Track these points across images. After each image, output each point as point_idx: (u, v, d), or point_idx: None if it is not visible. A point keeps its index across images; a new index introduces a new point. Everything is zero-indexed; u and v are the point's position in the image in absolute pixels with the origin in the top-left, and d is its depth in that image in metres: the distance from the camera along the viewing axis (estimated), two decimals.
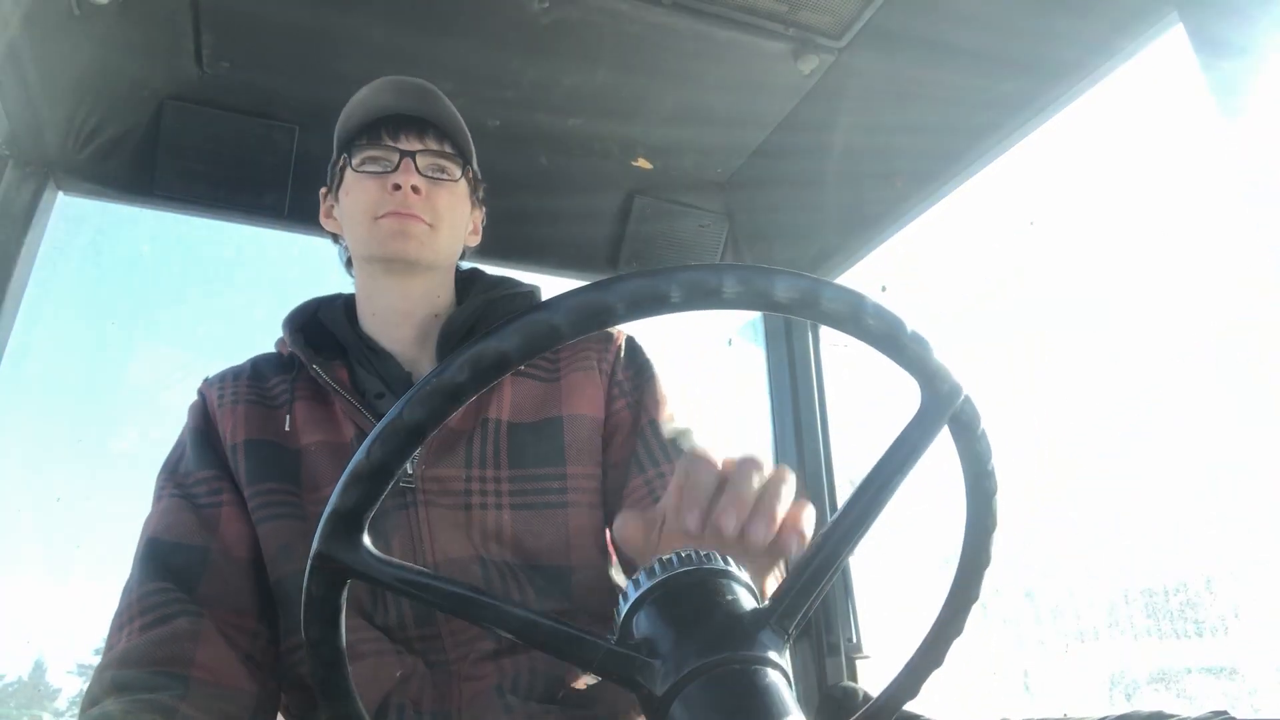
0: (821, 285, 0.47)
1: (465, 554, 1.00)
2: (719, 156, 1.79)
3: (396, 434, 0.44)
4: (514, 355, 0.43)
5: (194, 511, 1.01)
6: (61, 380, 3.26)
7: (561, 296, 0.44)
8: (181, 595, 0.94)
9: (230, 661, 0.92)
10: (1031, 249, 1.67)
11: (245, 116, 1.52)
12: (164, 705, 0.84)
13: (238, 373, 1.15)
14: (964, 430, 0.53)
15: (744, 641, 0.45)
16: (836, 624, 1.68)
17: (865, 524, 0.51)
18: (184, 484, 1.05)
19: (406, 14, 1.40)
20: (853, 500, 0.51)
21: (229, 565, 0.98)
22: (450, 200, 1.13)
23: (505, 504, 1.02)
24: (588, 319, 0.43)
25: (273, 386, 1.12)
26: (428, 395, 0.43)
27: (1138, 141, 1.48)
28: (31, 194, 1.38)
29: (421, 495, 1.01)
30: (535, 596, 0.99)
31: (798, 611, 0.49)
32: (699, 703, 0.43)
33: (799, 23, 1.45)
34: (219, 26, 1.41)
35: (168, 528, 1.00)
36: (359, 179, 1.11)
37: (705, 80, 1.57)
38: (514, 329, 0.43)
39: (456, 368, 0.43)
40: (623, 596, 0.50)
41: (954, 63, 1.40)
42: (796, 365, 1.85)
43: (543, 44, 1.45)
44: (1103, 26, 1.19)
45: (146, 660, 0.88)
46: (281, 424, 1.07)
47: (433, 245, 1.11)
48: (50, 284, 1.43)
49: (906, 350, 0.50)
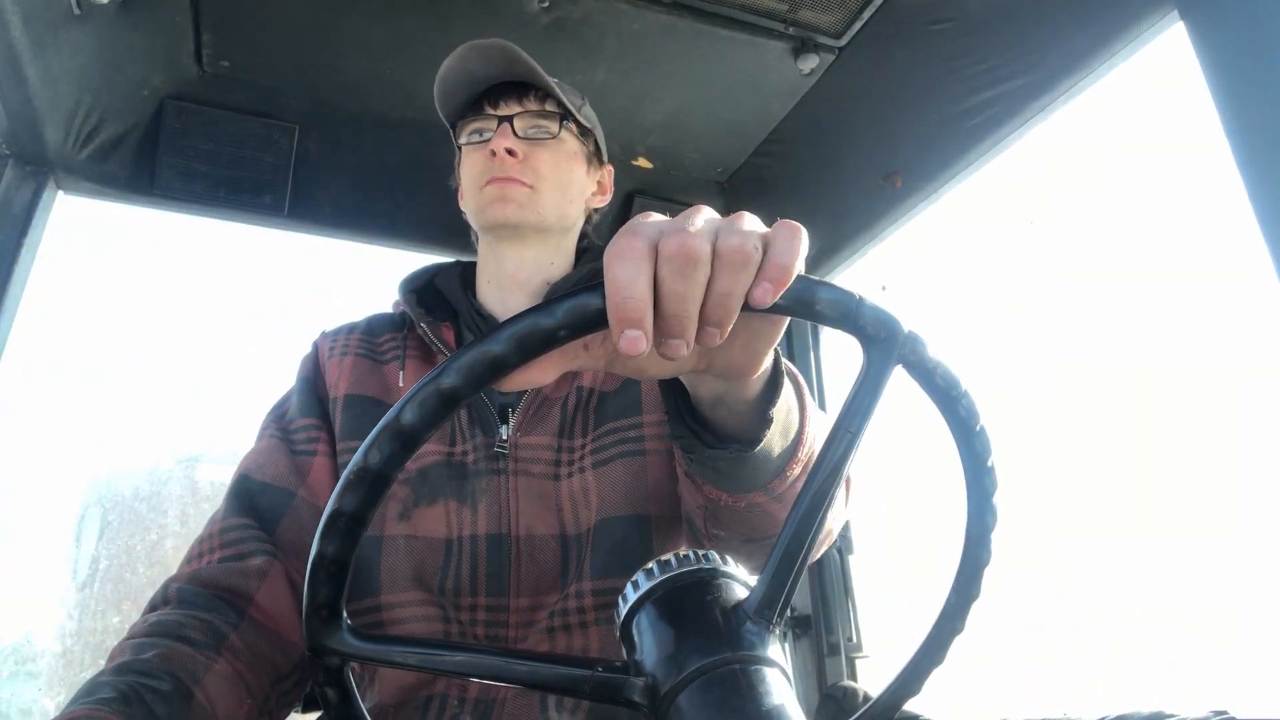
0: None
1: (547, 531, 1.00)
2: (719, 156, 1.79)
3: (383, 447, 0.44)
4: (511, 360, 0.44)
5: (289, 456, 1.04)
6: (61, 380, 3.27)
7: (545, 305, 0.45)
8: (261, 534, 0.97)
9: (286, 608, 0.94)
10: (1031, 248, 1.67)
11: (245, 116, 1.53)
12: (216, 629, 0.87)
13: (352, 327, 1.17)
14: (963, 426, 0.53)
15: (732, 641, 0.45)
16: (836, 624, 1.68)
17: (827, 496, 0.49)
18: (286, 428, 1.07)
19: (406, 14, 1.40)
20: (814, 473, 0.50)
21: (310, 514, 1.00)
22: (552, 159, 1.12)
23: (588, 465, 1.02)
24: (582, 323, 0.44)
25: (383, 343, 1.14)
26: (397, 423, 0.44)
27: (1138, 140, 1.48)
28: (31, 194, 1.38)
29: (513, 464, 1.02)
30: (617, 562, 0.98)
31: (778, 600, 0.48)
32: (697, 705, 0.43)
33: (799, 22, 1.45)
34: (219, 26, 1.42)
35: (260, 467, 1.03)
36: (467, 152, 1.13)
37: (705, 80, 1.57)
38: (509, 334, 0.44)
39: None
40: (622, 599, 0.50)
41: (954, 63, 1.40)
42: (796, 365, 1.85)
43: (543, 44, 1.45)
44: (1103, 26, 1.19)
45: (212, 584, 0.91)
46: (392, 380, 1.09)
47: (535, 208, 1.09)
48: (51, 284, 1.43)
49: (831, 305, 0.48)
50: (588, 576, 0.97)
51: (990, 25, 1.33)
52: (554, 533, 1.00)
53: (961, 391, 0.52)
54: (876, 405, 0.50)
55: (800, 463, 0.69)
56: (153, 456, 6.21)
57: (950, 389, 0.52)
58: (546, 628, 0.96)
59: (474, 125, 1.13)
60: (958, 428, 0.54)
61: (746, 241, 0.45)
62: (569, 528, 1.00)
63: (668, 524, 1.01)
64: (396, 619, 0.97)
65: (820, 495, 0.49)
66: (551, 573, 0.99)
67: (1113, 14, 1.17)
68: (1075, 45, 1.24)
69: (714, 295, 0.45)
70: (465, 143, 1.14)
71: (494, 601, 0.98)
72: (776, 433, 0.64)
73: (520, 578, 0.99)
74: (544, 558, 0.99)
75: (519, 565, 0.99)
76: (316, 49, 1.47)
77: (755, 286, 0.45)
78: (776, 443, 0.65)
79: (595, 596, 0.97)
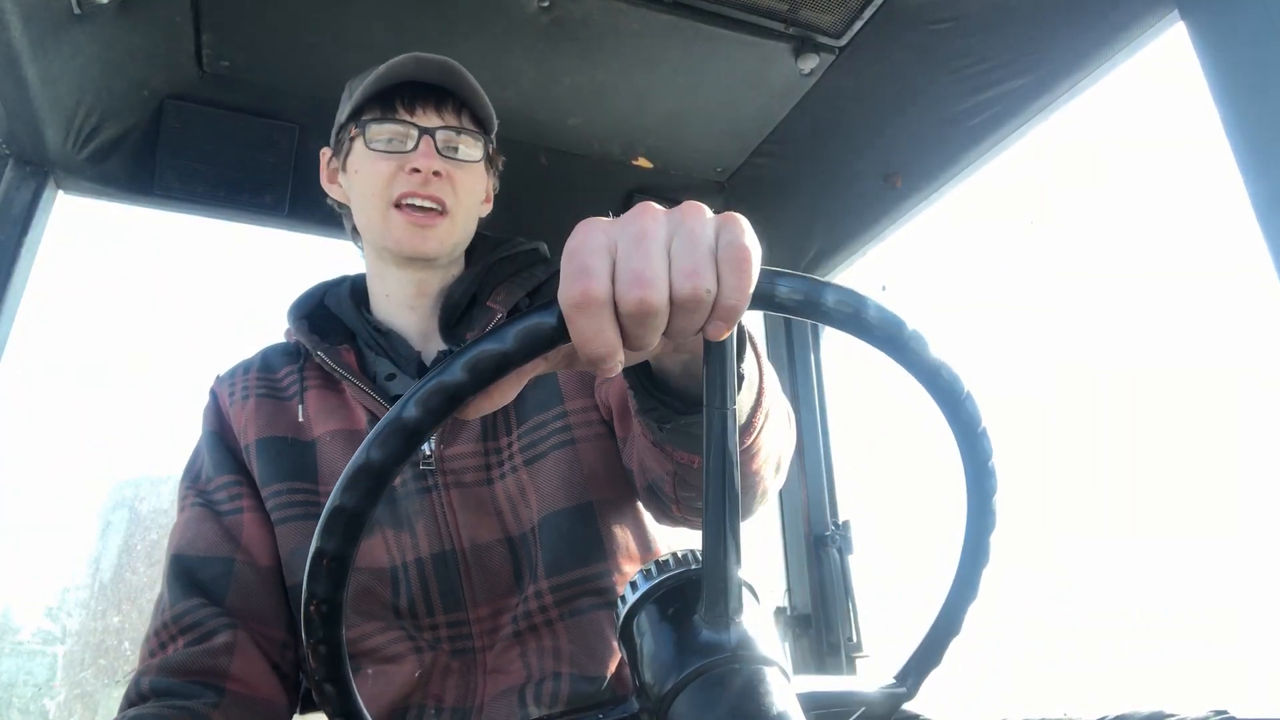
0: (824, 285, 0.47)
1: (491, 537, 0.99)
2: (719, 156, 1.79)
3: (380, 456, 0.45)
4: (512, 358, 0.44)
5: (216, 521, 1.01)
6: (61, 380, 3.27)
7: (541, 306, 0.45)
8: (216, 610, 0.95)
9: (262, 673, 0.94)
10: (1031, 248, 1.68)
11: (245, 116, 1.52)
12: (198, 712, 0.86)
13: (247, 366, 1.13)
14: (965, 428, 0.53)
15: (733, 641, 0.45)
16: (837, 624, 1.68)
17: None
18: (205, 491, 1.04)
19: (406, 13, 1.40)
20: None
21: (254, 575, 0.99)
22: (470, 181, 1.08)
23: (520, 463, 1.01)
24: (537, 346, 0.45)
25: (282, 377, 1.10)
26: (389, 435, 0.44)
27: (1138, 141, 1.48)
28: (31, 194, 1.38)
29: (443, 477, 1.00)
30: (568, 554, 0.97)
31: (727, 588, 0.47)
32: (698, 705, 0.43)
33: (799, 22, 1.45)
34: (219, 26, 1.41)
35: (191, 542, 1.00)
36: (372, 157, 1.04)
37: (705, 80, 1.57)
38: (463, 363, 0.44)
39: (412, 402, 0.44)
40: (621, 600, 0.50)
41: (954, 63, 1.40)
42: (796, 365, 1.85)
43: (543, 44, 1.45)
44: (1103, 26, 1.19)
45: (184, 670, 0.90)
46: (294, 415, 1.05)
47: (450, 238, 1.06)
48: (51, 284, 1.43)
49: (906, 348, 0.49)
50: (542, 575, 0.96)
51: (990, 25, 1.33)
52: (499, 537, 0.99)
53: (964, 393, 0.52)
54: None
55: (764, 411, 0.68)
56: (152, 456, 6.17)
57: (953, 389, 0.52)
58: (513, 632, 0.96)
59: (386, 128, 1.04)
60: (960, 429, 0.54)
61: (699, 285, 0.45)
62: (512, 529, 0.99)
63: (611, 505, 1.01)
64: (364, 650, 0.96)
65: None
66: (505, 578, 0.98)
67: (1113, 14, 1.17)
68: (1075, 45, 1.24)
69: (672, 329, 0.47)
70: (373, 146, 1.04)
71: (454, 617, 0.97)
72: (745, 390, 0.63)
73: (475, 589, 0.98)
74: (494, 564, 0.98)
75: (470, 577, 0.98)
76: (316, 49, 1.47)
77: (709, 324, 0.46)
78: (746, 400, 0.64)
79: (554, 593, 0.96)
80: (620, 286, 0.45)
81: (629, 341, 0.46)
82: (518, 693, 0.93)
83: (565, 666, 0.94)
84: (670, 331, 0.46)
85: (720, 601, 0.46)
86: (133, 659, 1.09)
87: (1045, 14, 1.26)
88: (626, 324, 0.45)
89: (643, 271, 0.44)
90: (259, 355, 1.14)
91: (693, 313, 0.45)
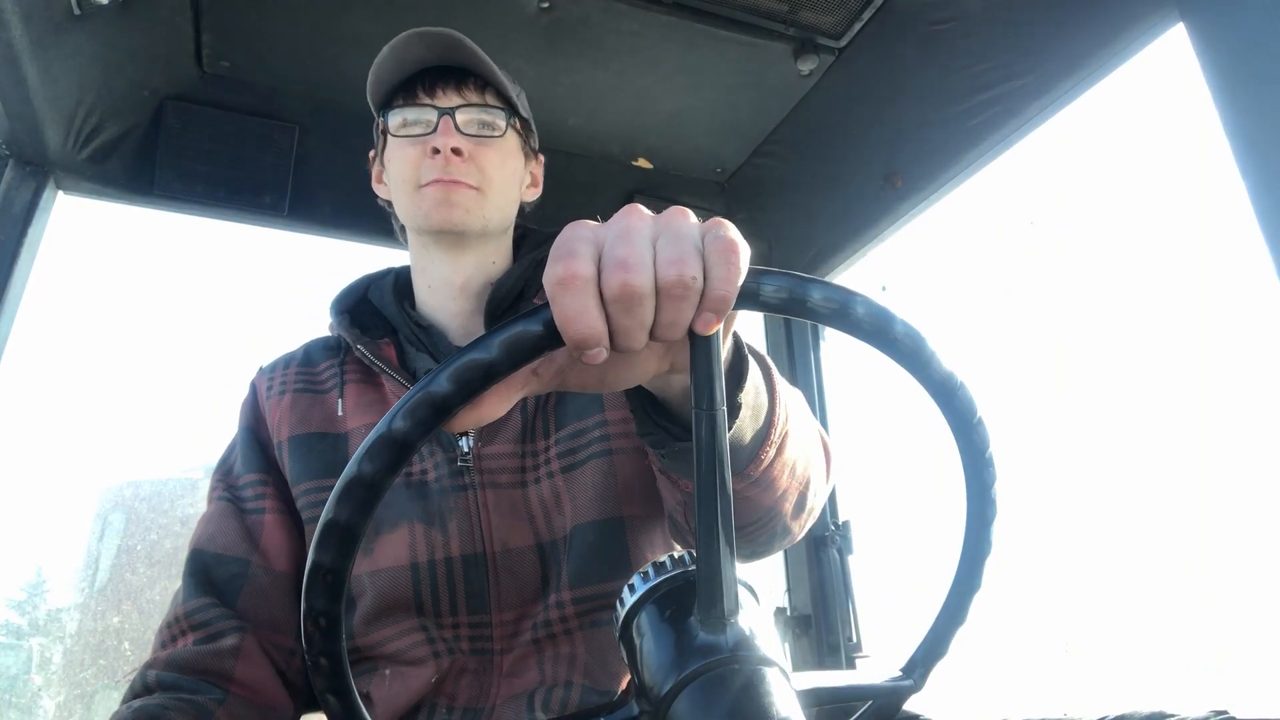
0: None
1: (522, 543, 0.98)
2: (719, 157, 1.79)
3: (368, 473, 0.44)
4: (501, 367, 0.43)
5: (239, 519, 1.02)
6: (61, 380, 3.28)
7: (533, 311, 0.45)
8: (226, 611, 0.96)
9: (266, 678, 0.94)
10: (1031, 247, 1.68)
11: (245, 116, 1.53)
12: (202, 707, 0.87)
13: (289, 359, 1.12)
14: (960, 419, 0.53)
15: (732, 641, 0.45)
16: (837, 623, 1.68)
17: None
18: (233, 486, 1.05)
19: (406, 14, 1.40)
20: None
21: (269, 580, 0.99)
22: (499, 158, 1.05)
23: (556, 469, 0.99)
24: (523, 353, 0.44)
25: (322, 370, 1.09)
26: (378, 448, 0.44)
27: (1138, 141, 1.48)
28: (31, 194, 1.38)
29: (479, 476, 0.98)
30: (594, 567, 0.96)
31: (727, 588, 0.46)
32: (698, 705, 0.43)
33: (799, 23, 1.45)
34: (219, 27, 1.42)
35: (211, 537, 1.01)
36: (399, 145, 1.04)
37: (705, 80, 1.57)
38: (447, 373, 0.44)
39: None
40: (620, 602, 0.50)
41: (954, 63, 1.40)
42: (796, 365, 1.85)
43: (543, 44, 1.45)
44: (1103, 27, 1.19)
45: (189, 667, 0.91)
46: (332, 409, 1.04)
47: (481, 212, 1.04)
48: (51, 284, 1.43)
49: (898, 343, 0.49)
50: (566, 585, 0.96)
51: (990, 26, 1.33)
52: (530, 544, 0.98)
53: (958, 384, 0.52)
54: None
55: (774, 444, 0.67)
56: (152, 456, 6.14)
57: (946, 381, 0.52)
58: (532, 639, 0.96)
59: (407, 114, 1.04)
60: (955, 420, 0.53)
61: (685, 272, 0.45)
62: (544, 536, 0.98)
63: (642, 523, 1.00)
64: (385, 654, 0.97)
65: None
66: (532, 585, 0.98)
67: (1113, 15, 1.17)
68: (1076, 46, 1.24)
69: (659, 324, 0.46)
70: (397, 134, 1.04)
71: (476, 619, 0.97)
72: (747, 417, 0.63)
73: (501, 593, 0.97)
74: (523, 570, 0.98)
75: (499, 581, 0.97)
76: (316, 49, 1.47)
77: (698, 316, 0.45)
78: (748, 427, 0.64)
79: (576, 605, 0.96)
80: (605, 271, 0.44)
81: (616, 334, 0.45)
82: (527, 698, 0.93)
83: (579, 676, 0.94)
84: (658, 326, 0.46)
85: (716, 603, 0.46)
86: (133, 659, 1.09)
87: (1045, 15, 1.26)
88: (612, 310, 0.44)
89: (627, 258, 0.44)
90: (302, 349, 1.14)
91: (680, 300, 0.45)
